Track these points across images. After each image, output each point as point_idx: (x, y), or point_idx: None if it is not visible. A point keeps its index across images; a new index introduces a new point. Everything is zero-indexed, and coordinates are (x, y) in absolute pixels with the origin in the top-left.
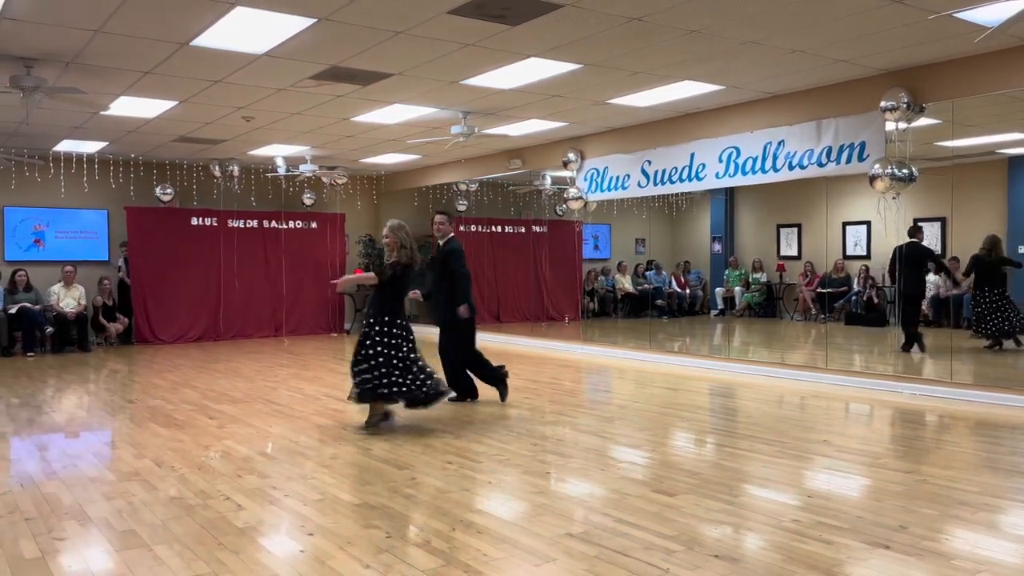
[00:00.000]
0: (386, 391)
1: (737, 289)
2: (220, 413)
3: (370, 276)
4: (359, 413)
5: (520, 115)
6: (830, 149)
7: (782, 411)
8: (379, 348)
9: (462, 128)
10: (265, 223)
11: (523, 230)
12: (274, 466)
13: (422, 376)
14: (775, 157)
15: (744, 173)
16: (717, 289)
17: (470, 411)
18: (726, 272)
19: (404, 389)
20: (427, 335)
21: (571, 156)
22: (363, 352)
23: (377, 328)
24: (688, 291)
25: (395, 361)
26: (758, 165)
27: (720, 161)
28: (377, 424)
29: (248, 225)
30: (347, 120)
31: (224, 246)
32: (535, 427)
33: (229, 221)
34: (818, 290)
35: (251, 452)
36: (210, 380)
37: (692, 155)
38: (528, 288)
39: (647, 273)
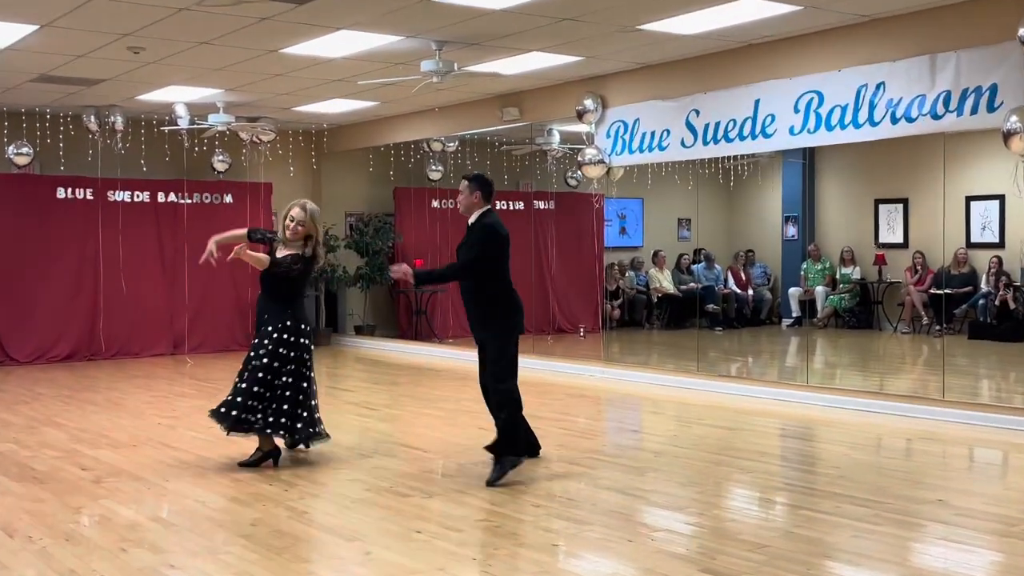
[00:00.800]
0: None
1: (819, 289)
2: (96, 462)
3: (263, 258)
4: (293, 461)
5: (517, 46)
6: (948, 95)
7: (881, 459)
8: (284, 367)
9: (436, 64)
10: (161, 196)
11: (521, 206)
12: (172, 536)
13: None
14: (871, 106)
15: (829, 128)
16: (791, 289)
17: (448, 461)
18: (804, 266)
19: (285, 421)
20: (464, 364)
21: (588, 104)
22: (264, 373)
23: (284, 338)
24: (751, 292)
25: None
26: (848, 117)
27: (796, 111)
28: (258, 463)
29: (137, 199)
30: (275, 52)
31: (104, 228)
32: (538, 481)
33: (110, 193)
34: (931, 291)
35: (140, 516)
36: (83, 416)
37: (756, 103)
38: (528, 287)
39: (694, 267)
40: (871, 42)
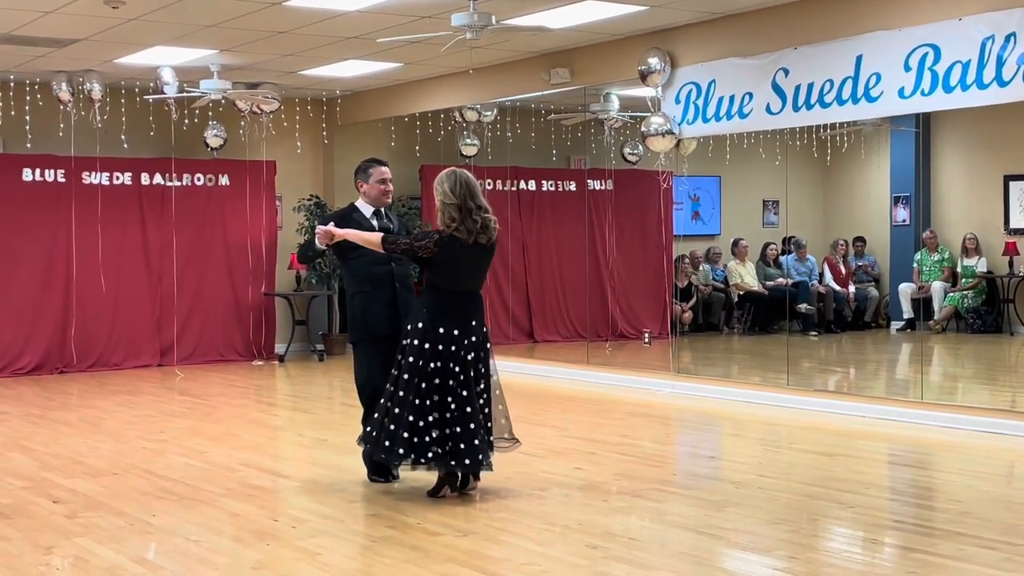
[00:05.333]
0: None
1: (936, 285)
2: (71, 494)
3: (371, 236)
4: (302, 493)
5: None
6: None
7: (1013, 492)
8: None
9: (470, 18)
10: (145, 178)
11: (572, 187)
12: None
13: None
14: (1000, 62)
15: (947, 89)
16: (902, 286)
17: (485, 490)
18: (917, 257)
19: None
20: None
21: (653, 63)
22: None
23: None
24: (853, 289)
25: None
26: (971, 76)
27: (907, 69)
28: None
29: (117, 181)
30: (278, 5)
31: (78, 216)
32: (593, 517)
33: (85, 174)
34: None
35: (121, 557)
36: (54, 438)
37: (858, 59)
38: (580, 284)
39: (783, 259)
40: None
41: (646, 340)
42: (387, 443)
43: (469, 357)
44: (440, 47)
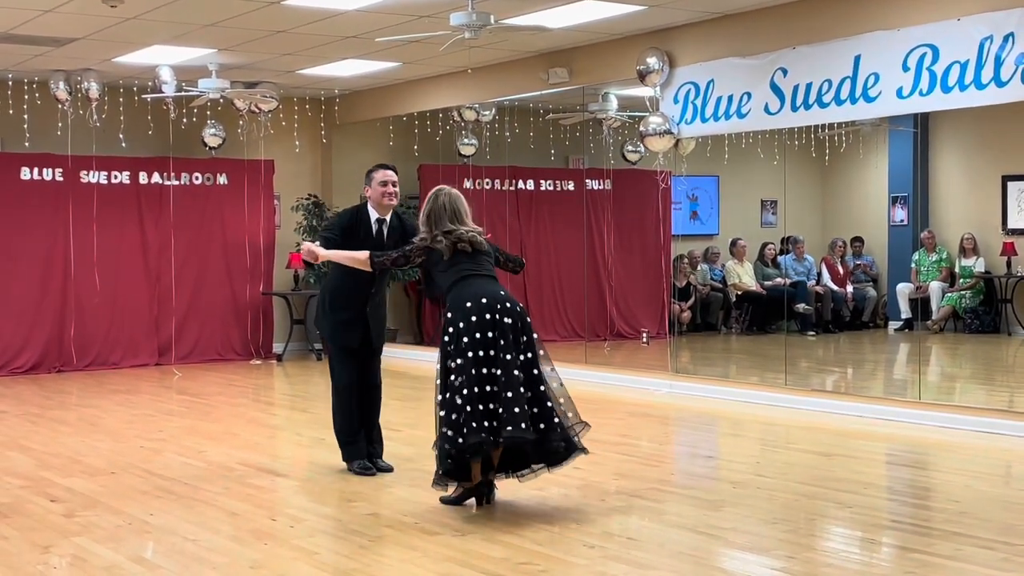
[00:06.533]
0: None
1: (934, 285)
2: (69, 493)
3: (358, 255)
4: (300, 492)
5: None
6: None
7: (1011, 491)
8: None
9: (468, 17)
10: (143, 177)
11: (570, 187)
12: None
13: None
14: (998, 62)
15: (946, 89)
16: (900, 286)
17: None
18: (915, 257)
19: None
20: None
21: (652, 63)
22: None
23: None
24: (851, 289)
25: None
26: (969, 76)
27: (905, 69)
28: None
29: (115, 180)
30: (277, 4)
31: (75, 215)
32: (592, 517)
33: (83, 173)
34: None
35: (119, 557)
36: (51, 438)
37: (857, 59)
38: (579, 284)
39: (782, 259)
40: None
41: (644, 340)
42: (463, 438)
43: (490, 334)
44: (439, 46)
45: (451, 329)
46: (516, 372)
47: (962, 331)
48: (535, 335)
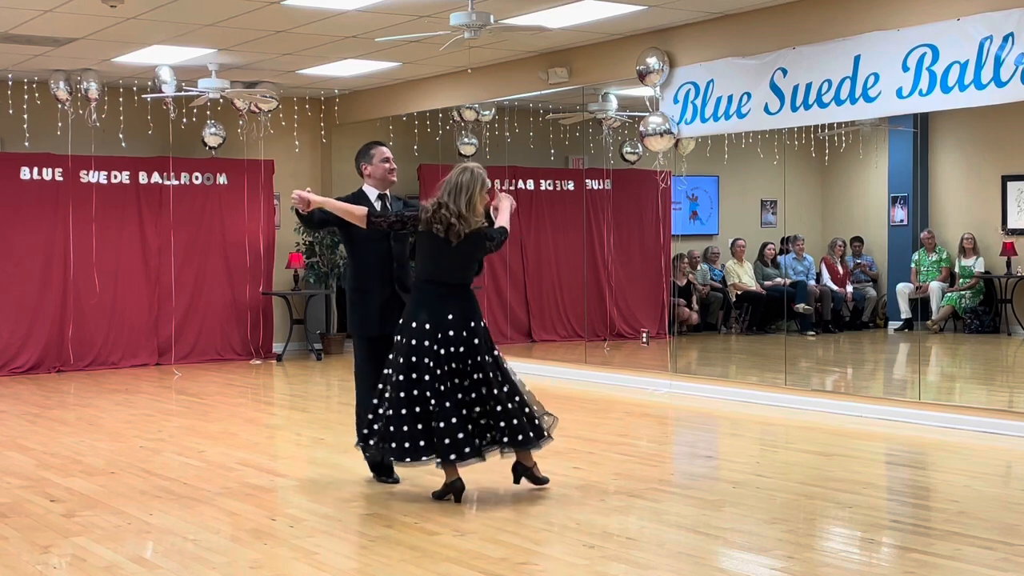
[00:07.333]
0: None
1: (934, 285)
2: (69, 493)
3: (355, 210)
4: (299, 492)
5: None
6: None
7: (1010, 492)
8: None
9: (468, 17)
10: (143, 176)
11: (570, 186)
12: None
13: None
14: (998, 62)
15: (945, 89)
16: (900, 286)
17: (483, 490)
18: (915, 257)
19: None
20: None
21: (652, 63)
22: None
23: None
24: (851, 289)
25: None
26: (969, 76)
27: (905, 69)
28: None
29: (115, 180)
30: (276, 4)
31: (75, 214)
32: (590, 517)
33: (83, 173)
34: None
35: (119, 557)
36: (51, 438)
37: (856, 60)
38: (579, 284)
39: (781, 258)
40: None
41: (644, 340)
42: (392, 444)
43: (442, 352)
44: (439, 46)
45: (399, 338)
46: (459, 395)
47: (962, 331)
48: (495, 351)
